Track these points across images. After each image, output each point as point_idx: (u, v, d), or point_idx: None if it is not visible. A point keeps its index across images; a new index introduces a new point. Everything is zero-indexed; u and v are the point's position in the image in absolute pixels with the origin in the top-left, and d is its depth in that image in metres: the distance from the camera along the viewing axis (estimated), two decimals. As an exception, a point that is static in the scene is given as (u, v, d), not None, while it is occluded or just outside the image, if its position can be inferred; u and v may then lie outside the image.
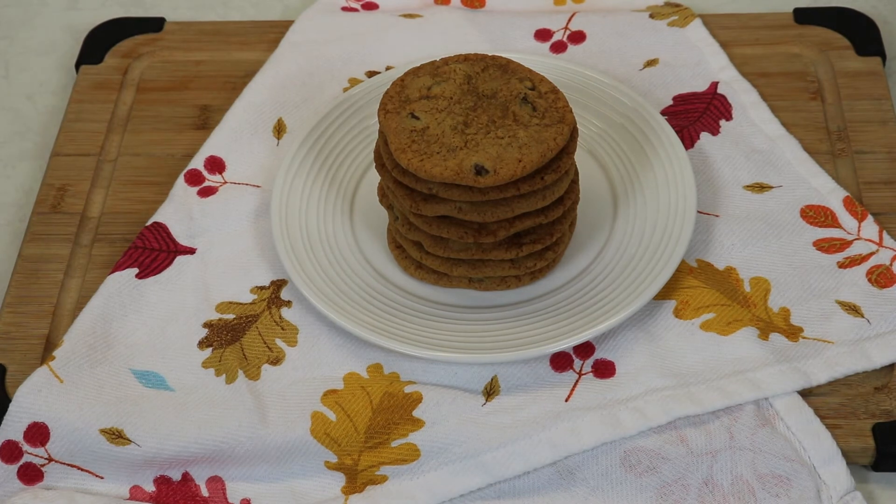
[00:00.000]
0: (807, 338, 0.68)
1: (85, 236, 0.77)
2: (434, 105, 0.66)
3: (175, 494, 0.65)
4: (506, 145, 0.64)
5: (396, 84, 0.68)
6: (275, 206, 0.74)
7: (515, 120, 0.65)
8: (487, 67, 0.68)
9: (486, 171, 0.63)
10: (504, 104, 0.66)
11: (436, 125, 0.65)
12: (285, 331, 0.71)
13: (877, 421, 0.65)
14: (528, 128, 0.65)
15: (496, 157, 0.64)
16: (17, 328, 0.72)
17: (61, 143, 0.82)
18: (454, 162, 0.63)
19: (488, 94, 0.66)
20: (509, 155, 0.64)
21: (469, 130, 0.65)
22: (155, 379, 0.69)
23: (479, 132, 0.65)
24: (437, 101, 0.66)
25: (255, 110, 0.82)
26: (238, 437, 0.65)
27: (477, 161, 0.63)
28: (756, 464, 0.64)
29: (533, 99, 0.66)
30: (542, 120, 0.65)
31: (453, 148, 0.64)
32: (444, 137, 0.64)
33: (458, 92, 0.66)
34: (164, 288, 0.73)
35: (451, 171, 0.63)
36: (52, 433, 0.66)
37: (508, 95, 0.66)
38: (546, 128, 0.65)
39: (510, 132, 0.64)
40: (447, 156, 0.64)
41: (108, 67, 0.87)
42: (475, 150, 0.64)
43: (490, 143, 0.64)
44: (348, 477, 0.65)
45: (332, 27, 0.88)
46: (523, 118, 0.65)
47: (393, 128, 0.65)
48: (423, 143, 0.64)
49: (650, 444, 0.64)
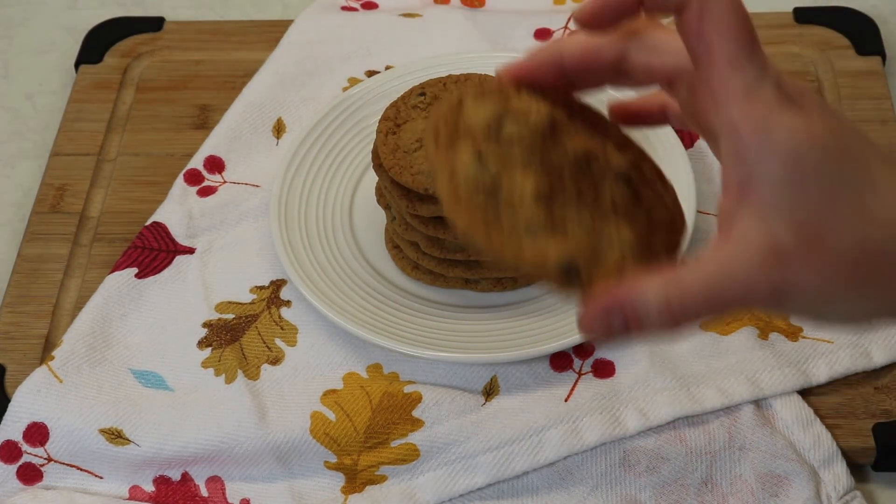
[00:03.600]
0: (806, 337, 0.68)
1: (84, 236, 0.77)
2: (506, 152, 0.45)
3: (174, 494, 0.65)
4: (605, 237, 0.45)
5: (452, 104, 0.46)
6: (274, 205, 0.74)
7: (613, 206, 0.45)
8: (574, 115, 0.48)
9: (576, 271, 0.44)
10: (596, 179, 0.46)
11: (511, 185, 0.44)
12: (285, 330, 0.71)
13: (877, 421, 0.65)
14: (632, 223, 0.45)
15: (591, 252, 0.44)
16: (16, 328, 0.72)
17: (61, 143, 0.82)
18: (535, 247, 0.44)
19: (580, 158, 0.46)
20: (609, 254, 0.45)
21: (554, 207, 0.45)
22: (154, 379, 0.69)
23: (566, 212, 0.44)
24: (509, 149, 0.45)
25: (255, 110, 0.82)
26: (237, 436, 0.65)
27: (566, 253, 0.44)
28: (756, 464, 0.64)
29: (637, 181, 0.47)
30: (648, 216, 0.46)
31: (535, 226, 0.44)
32: (521, 208, 0.44)
33: (539, 141, 0.46)
34: (163, 288, 0.73)
35: (532, 259, 0.44)
36: (52, 433, 0.66)
37: (604, 166, 0.46)
38: (654, 231, 0.46)
39: (606, 219, 0.45)
40: (524, 235, 0.44)
41: (108, 67, 0.87)
42: (563, 234, 0.44)
43: (581, 227, 0.45)
44: (348, 477, 0.65)
45: (331, 27, 0.88)
46: (623, 209, 0.45)
47: (448, 170, 0.45)
48: (492, 209, 0.44)
49: (650, 444, 0.64)
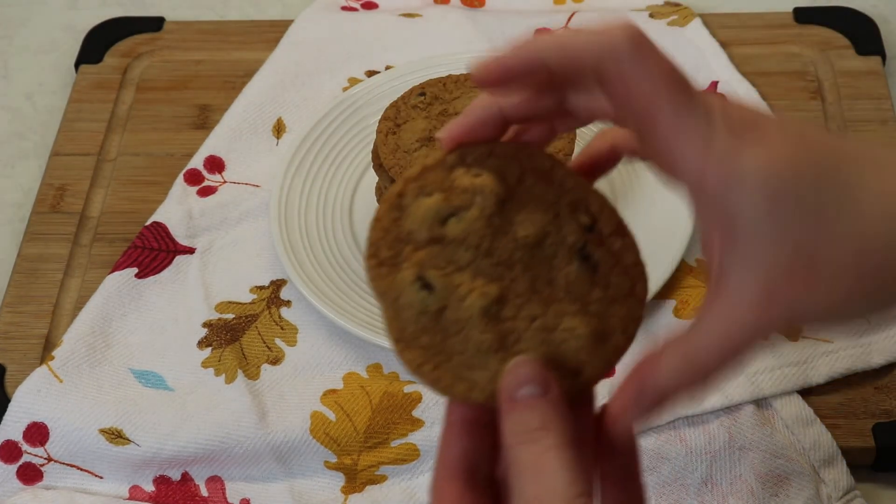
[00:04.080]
0: (807, 337, 0.68)
1: (84, 236, 0.77)
2: (451, 257, 0.43)
3: (174, 494, 0.65)
4: (558, 343, 0.43)
5: (392, 203, 0.44)
6: (274, 205, 0.74)
7: (569, 291, 0.43)
8: (524, 175, 0.44)
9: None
10: (551, 258, 0.44)
11: (457, 304, 0.42)
12: (285, 330, 0.71)
13: (877, 421, 0.65)
14: (586, 305, 0.43)
15: (545, 363, 0.43)
16: (16, 328, 0.72)
17: (61, 143, 0.82)
18: (484, 378, 0.42)
19: (530, 243, 0.43)
20: (565, 354, 0.43)
21: (506, 313, 0.43)
22: (154, 379, 0.69)
23: (519, 315, 0.43)
24: (454, 252, 0.43)
25: (255, 110, 0.82)
26: (237, 436, 0.65)
27: None
28: (756, 463, 0.64)
29: (592, 250, 0.44)
30: (605, 291, 0.44)
31: (484, 351, 0.42)
32: (470, 329, 0.42)
33: (487, 233, 0.43)
34: (163, 288, 0.73)
35: (481, 394, 0.42)
36: (52, 433, 0.66)
37: (558, 242, 0.44)
38: (611, 306, 0.44)
39: (560, 316, 0.43)
40: (474, 364, 0.42)
41: (108, 67, 0.87)
42: (514, 353, 0.43)
43: (535, 337, 0.43)
44: (348, 477, 0.65)
45: (331, 26, 0.88)
46: (580, 289, 0.43)
47: (391, 298, 0.43)
48: (439, 336, 0.43)
49: (649, 444, 0.64)
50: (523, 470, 0.39)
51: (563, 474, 0.39)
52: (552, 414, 0.40)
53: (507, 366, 0.42)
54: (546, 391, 0.41)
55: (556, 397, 0.41)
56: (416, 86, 0.73)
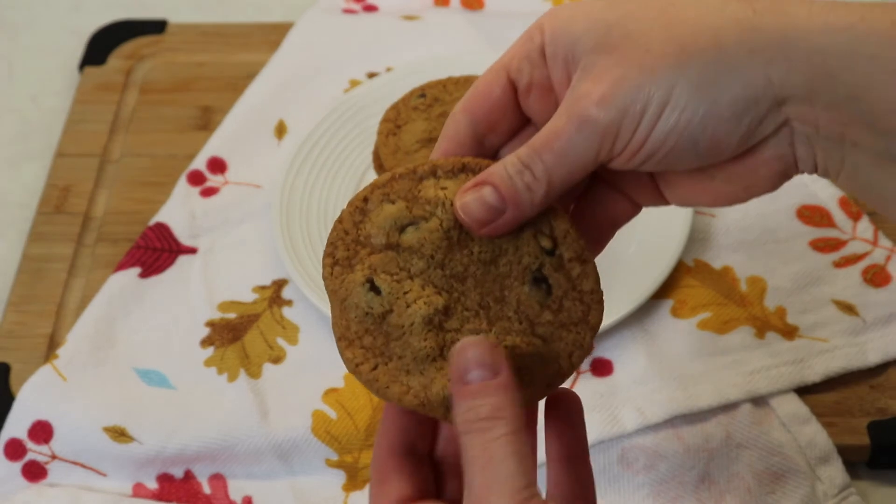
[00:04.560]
0: (803, 336, 0.69)
1: (88, 236, 0.77)
2: (404, 265, 0.44)
3: (177, 492, 0.65)
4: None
5: (356, 206, 0.45)
6: (276, 205, 0.74)
7: (518, 311, 0.44)
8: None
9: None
10: (505, 276, 0.44)
11: (402, 309, 0.43)
12: (286, 329, 0.71)
13: (872, 419, 0.66)
14: (533, 327, 0.44)
15: None
16: (21, 327, 0.73)
17: (65, 144, 0.83)
18: (420, 384, 0.43)
19: (485, 259, 0.44)
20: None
21: (449, 324, 0.43)
22: (157, 377, 0.69)
23: (462, 328, 0.43)
24: (408, 259, 0.44)
25: (257, 111, 0.83)
26: (240, 435, 0.66)
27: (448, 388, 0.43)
28: (752, 461, 0.64)
29: (550, 272, 0.44)
30: (556, 315, 0.44)
31: (423, 358, 0.43)
32: (411, 335, 0.43)
33: (443, 245, 0.44)
34: (166, 287, 0.73)
35: (415, 399, 0.43)
36: (56, 431, 0.66)
37: (513, 261, 0.44)
38: (560, 331, 0.44)
39: (504, 333, 0.44)
40: (412, 369, 0.43)
41: (111, 69, 0.88)
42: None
43: None
44: (349, 474, 0.66)
45: (332, 29, 0.88)
46: (530, 310, 0.44)
47: (340, 297, 0.44)
48: (381, 339, 0.43)
49: (647, 442, 0.64)
50: (473, 459, 0.40)
51: (510, 464, 0.40)
52: (503, 401, 0.41)
53: (457, 345, 0.42)
54: (496, 373, 0.41)
55: (506, 380, 0.41)
56: (417, 87, 0.74)
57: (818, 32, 0.40)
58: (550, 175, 0.42)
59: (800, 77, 0.40)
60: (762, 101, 0.41)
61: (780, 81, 0.41)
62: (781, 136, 0.42)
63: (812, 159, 0.43)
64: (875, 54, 0.39)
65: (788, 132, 0.42)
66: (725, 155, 0.43)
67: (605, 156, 0.42)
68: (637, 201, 0.47)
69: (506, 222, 0.43)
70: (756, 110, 0.41)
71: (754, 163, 0.43)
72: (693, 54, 0.41)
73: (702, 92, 0.41)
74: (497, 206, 0.43)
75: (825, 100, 0.40)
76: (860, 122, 0.40)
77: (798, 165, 0.43)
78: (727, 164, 0.43)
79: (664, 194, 0.46)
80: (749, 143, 0.42)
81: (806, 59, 0.40)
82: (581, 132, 0.42)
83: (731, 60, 0.41)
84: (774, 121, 0.42)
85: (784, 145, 0.42)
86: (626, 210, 0.47)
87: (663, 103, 0.41)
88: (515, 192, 0.43)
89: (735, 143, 0.42)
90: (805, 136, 0.42)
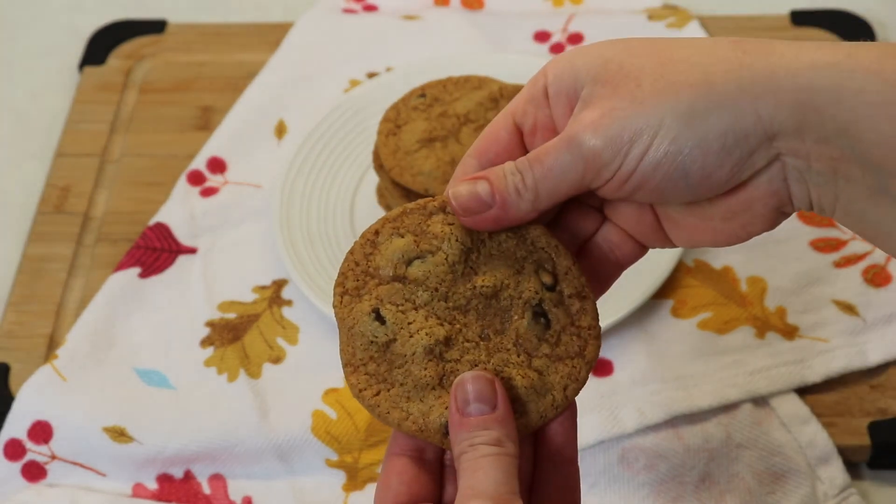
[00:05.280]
0: (803, 336, 0.69)
1: (88, 236, 0.77)
2: (409, 296, 0.46)
3: (177, 492, 0.66)
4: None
5: (367, 239, 0.47)
6: (276, 205, 0.74)
7: (517, 343, 0.46)
8: (499, 230, 0.47)
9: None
10: (506, 310, 0.46)
11: (406, 339, 0.45)
12: (286, 329, 0.71)
13: (872, 419, 0.66)
14: (531, 359, 0.46)
15: None
16: (20, 327, 0.73)
17: (65, 144, 0.83)
18: (419, 411, 0.45)
19: (487, 293, 0.46)
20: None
21: (450, 354, 0.45)
22: (157, 377, 0.69)
23: (462, 358, 0.45)
24: (414, 291, 0.46)
25: (257, 111, 0.83)
26: (239, 435, 0.66)
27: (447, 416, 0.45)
28: (753, 461, 0.64)
29: (549, 307, 0.46)
30: (553, 349, 0.46)
31: (423, 386, 0.45)
32: (412, 364, 0.45)
33: (448, 278, 0.46)
34: (166, 287, 0.73)
35: (413, 425, 0.45)
36: (56, 431, 0.67)
37: (514, 295, 0.46)
38: (556, 364, 0.46)
39: (502, 365, 0.45)
40: (412, 396, 0.45)
41: (111, 69, 0.88)
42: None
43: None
44: (349, 474, 0.66)
45: (332, 29, 0.88)
46: (528, 343, 0.46)
47: (348, 326, 0.46)
48: (384, 366, 0.45)
49: (647, 442, 0.64)
50: (464, 471, 0.42)
51: (498, 474, 0.42)
52: (500, 433, 0.43)
53: (458, 378, 0.44)
54: (494, 406, 0.43)
55: (503, 414, 0.43)
56: (417, 87, 0.74)
57: (805, 69, 0.41)
58: (538, 186, 0.44)
59: (788, 113, 0.41)
60: (752, 135, 0.42)
61: (769, 117, 0.41)
62: (774, 171, 0.43)
63: (807, 196, 0.43)
64: (861, 89, 0.40)
65: (781, 167, 0.43)
66: (717, 188, 0.43)
67: (591, 178, 0.44)
68: (643, 242, 0.48)
69: (489, 218, 0.45)
70: (746, 144, 0.42)
71: (749, 198, 0.44)
72: (682, 89, 0.42)
73: (691, 125, 0.42)
74: (486, 200, 0.45)
75: (815, 135, 0.41)
76: (851, 157, 0.41)
77: (793, 202, 0.44)
78: (722, 199, 0.44)
79: (669, 236, 0.47)
80: (741, 177, 0.43)
81: (793, 95, 0.41)
82: (569, 153, 0.43)
83: (719, 96, 0.42)
84: (766, 155, 0.42)
85: (778, 181, 0.43)
86: (633, 252, 0.48)
87: (653, 135, 0.42)
88: (506, 192, 0.44)
89: (725, 175, 0.43)
90: (798, 172, 0.43)
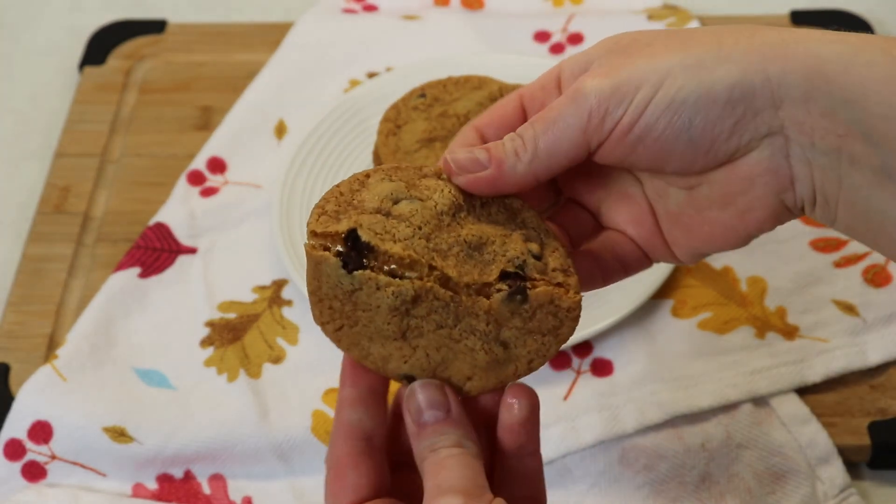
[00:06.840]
0: (803, 336, 0.69)
1: (88, 236, 0.77)
2: (390, 228, 0.44)
3: (177, 492, 0.66)
4: (456, 353, 0.45)
5: (357, 178, 0.46)
6: (275, 205, 0.74)
7: (489, 309, 0.44)
8: (492, 203, 0.46)
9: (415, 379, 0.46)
10: (487, 263, 0.45)
11: (372, 290, 0.44)
12: (286, 329, 0.71)
13: (872, 419, 0.66)
14: (500, 329, 0.45)
15: (433, 369, 0.45)
16: (20, 327, 0.73)
17: (64, 144, 0.83)
18: (379, 354, 0.45)
19: (472, 242, 0.45)
20: (456, 370, 0.45)
21: (416, 311, 0.44)
22: (157, 377, 0.69)
23: (429, 315, 0.44)
24: (395, 226, 0.44)
25: (257, 111, 0.83)
26: (239, 435, 0.66)
27: (407, 371, 0.45)
28: (753, 461, 0.64)
29: (530, 273, 0.45)
30: (525, 323, 0.45)
31: (385, 336, 0.44)
32: (376, 314, 0.44)
33: (433, 222, 0.45)
34: (166, 287, 0.73)
35: (373, 365, 0.45)
36: (56, 431, 0.66)
37: (499, 252, 0.45)
38: (526, 337, 0.45)
39: (469, 330, 0.44)
40: (374, 338, 0.45)
41: (111, 69, 0.88)
42: (413, 349, 0.45)
43: (435, 340, 0.45)
44: (349, 474, 0.66)
45: (332, 29, 0.88)
46: (502, 311, 0.44)
47: (315, 261, 0.44)
48: (349, 306, 0.44)
49: (647, 442, 0.64)
50: (428, 472, 0.44)
51: (464, 471, 0.43)
52: (457, 436, 0.44)
53: (408, 389, 0.45)
54: (448, 410, 0.45)
55: (457, 416, 0.45)
56: (417, 87, 0.74)
57: (815, 41, 0.42)
58: (537, 141, 0.44)
59: (796, 77, 0.42)
60: (759, 95, 0.42)
61: (778, 79, 0.42)
62: (776, 146, 0.43)
63: (809, 179, 0.43)
64: (871, 61, 0.40)
65: (783, 142, 0.43)
66: (718, 149, 0.43)
67: (593, 131, 0.44)
68: (642, 246, 0.49)
69: (484, 178, 0.45)
70: (752, 102, 0.42)
71: (749, 174, 0.44)
72: (692, 45, 0.43)
73: (698, 75, 0.42)
74: (482, 162, 0.45)
75: (821, 105, 0.41)
76: (856, 134, 0.41)
77: (795, 188, 0.44)
78: (721, 172, 0.44)
79: (667, 238, 0.48)
80: (742, 141, 0.43)
81: (803, 60, 0.41)
82: (572, 103, 0.44)
83: (730, 52, 0.42)
84: (769, 123, 0.42)
85: (780, 157, 0.43)
86: (635, 254, 0.49)
87: (659, 82, 0.43)
88: (502, 154, 0.45)
89: (727, 131, 0.43)
90: (801, 149, 0.43)
